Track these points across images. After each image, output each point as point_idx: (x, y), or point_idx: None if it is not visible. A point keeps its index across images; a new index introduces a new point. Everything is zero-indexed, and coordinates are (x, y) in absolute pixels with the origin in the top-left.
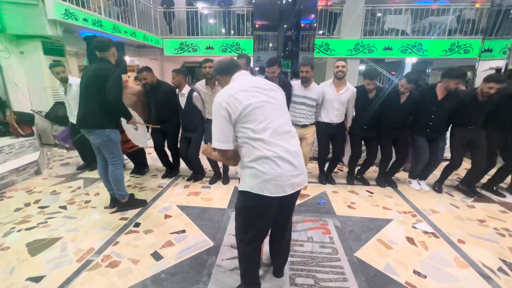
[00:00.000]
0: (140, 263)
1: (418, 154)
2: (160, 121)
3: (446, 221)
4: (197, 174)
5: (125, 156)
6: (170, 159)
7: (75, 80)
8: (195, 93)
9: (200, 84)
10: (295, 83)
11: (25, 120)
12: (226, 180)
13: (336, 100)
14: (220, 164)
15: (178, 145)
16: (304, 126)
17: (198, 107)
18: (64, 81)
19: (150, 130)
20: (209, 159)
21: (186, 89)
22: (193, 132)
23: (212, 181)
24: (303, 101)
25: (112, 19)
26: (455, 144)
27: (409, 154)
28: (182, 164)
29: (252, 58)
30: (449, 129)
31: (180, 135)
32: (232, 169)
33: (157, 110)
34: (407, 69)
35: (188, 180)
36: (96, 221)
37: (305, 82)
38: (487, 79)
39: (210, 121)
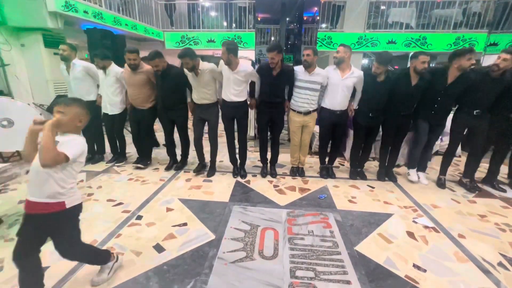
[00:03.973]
0: (142, 255)
1: (417, 137)
2: (168, 108)
3: (447, 216)
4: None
5: (127, 150)
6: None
7: (79, 61)
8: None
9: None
10: (298, 68)
11: None
12: (211, 172)
13: (341, 85)
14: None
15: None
16: (307, 113)
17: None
18: (64, 59)
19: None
20: (198, 149)
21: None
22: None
23: (197, 170)
24: (307, 85)
25: (113, 12)
26: (456, 130)
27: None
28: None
29: (237, 50)
30: (451, 114)
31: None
32: (222, 163)
33: (164, 96)
34: None
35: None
36: (99, 214)
37: (307, 67)
38: (502, 51)
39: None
